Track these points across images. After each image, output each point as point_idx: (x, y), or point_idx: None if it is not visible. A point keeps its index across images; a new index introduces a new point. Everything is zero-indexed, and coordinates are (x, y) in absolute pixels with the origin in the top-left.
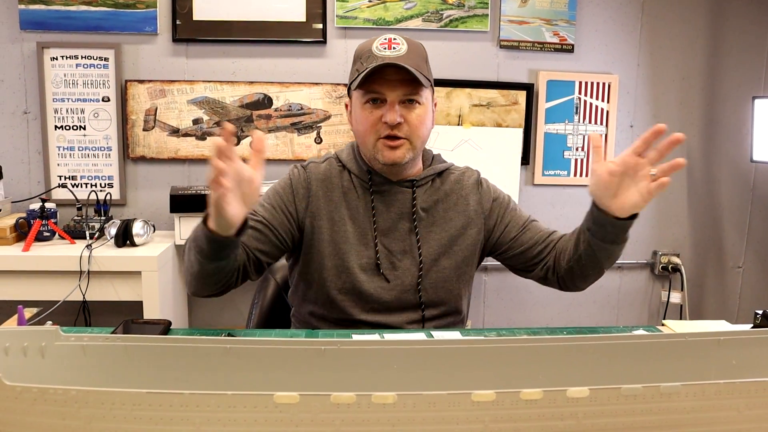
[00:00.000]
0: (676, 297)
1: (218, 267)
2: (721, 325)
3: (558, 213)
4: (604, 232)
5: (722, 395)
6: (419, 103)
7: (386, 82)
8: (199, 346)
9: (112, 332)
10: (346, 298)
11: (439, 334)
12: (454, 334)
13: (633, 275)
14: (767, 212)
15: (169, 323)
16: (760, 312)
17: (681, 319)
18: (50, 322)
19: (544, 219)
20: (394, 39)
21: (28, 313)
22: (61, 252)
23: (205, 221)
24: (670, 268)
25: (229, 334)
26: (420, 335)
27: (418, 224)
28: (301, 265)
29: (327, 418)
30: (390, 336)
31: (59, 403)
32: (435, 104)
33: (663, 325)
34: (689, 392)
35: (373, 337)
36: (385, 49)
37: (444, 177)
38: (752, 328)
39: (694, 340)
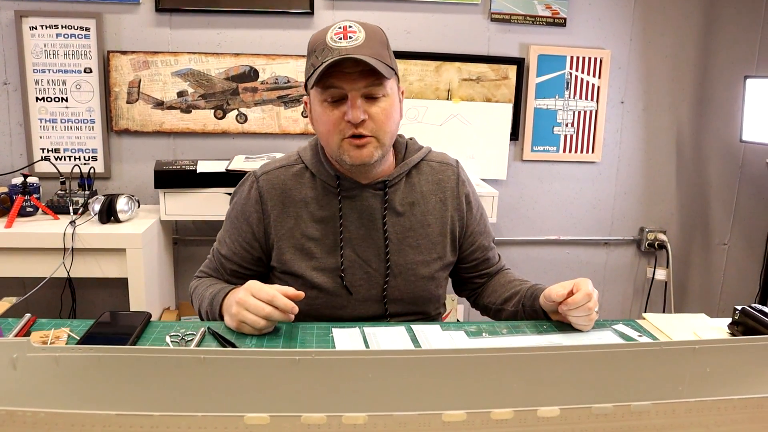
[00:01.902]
0: (661, 274)
1: None
2: (700, 319)
3: (546, 189)
4: (535, 314)
5: (692, 413)
6: (384, 96)
7: (345, 75)
8: (173, 356)
9: (94, 323)
10: (317, 313)
11: (419, 328)
12: (434, 329)
13: (620, 251)
14: (755, 190)
15: (149, 315)
16: (740, 308)
17: (665, 295)
18: (28, 315)
19: (533, 195)
20: (350, 27)
21: (7, 303)
22: (45, 229)
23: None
24: (656, 245)
25: (209, 328)
26: (401, 329)
27: (389, 230)
28: (272, 278)
29: None
30: (370, 330)
31: (28, 425)
32: (402, 93)
33: (643, 318)
34: (660, 410)
35: (354, 334)
36: (340, 39)
37: (421, 170)
38: (730, 324)
39: (669, 349)
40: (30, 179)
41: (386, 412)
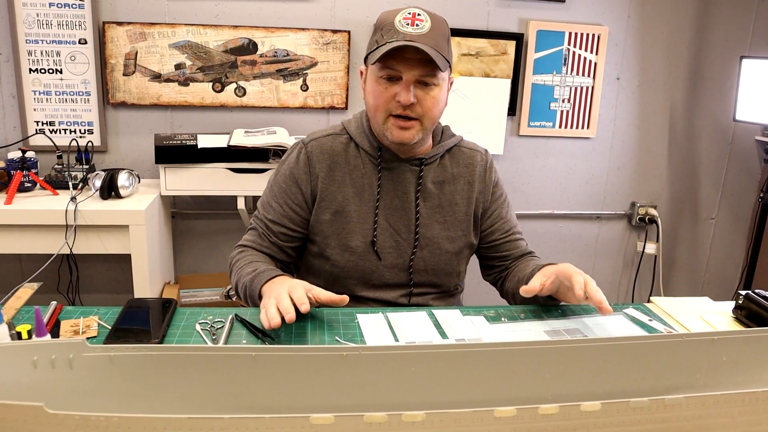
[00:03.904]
0: (651, 248)
1: None
2: (704, 303)
3: (542, 163)
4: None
5: (719, 405)
6: (435, 85)
7: (404, 60)
8: (224, 354)
9: (121, 312)
10: (347, 275)
11: (439, 313)
12: (455, 313)
13: (611, 225)
14: (743, 166)
15: (175, 302)
16: (743, 293)
17: (654, 268)
18: (54, 303)
19: (528, 170)
20: (419, 15)
21: (30, 289)
22: (46, 205)
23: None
24: (647, 219)
25: (236, 314)
26: (422, 314)
27: (420, 204)
28: (308, 245)
29: None
30: (394, 316)
31: (101, 429)
32: (451, 82)
33: (650, 302)
34: (690, 403)
35: (379, 319)
36: (407, 24)
37: (453, 154)
38: (734, 309)
39: (691, 340)
40: (28, 154)
41: (442, 409)
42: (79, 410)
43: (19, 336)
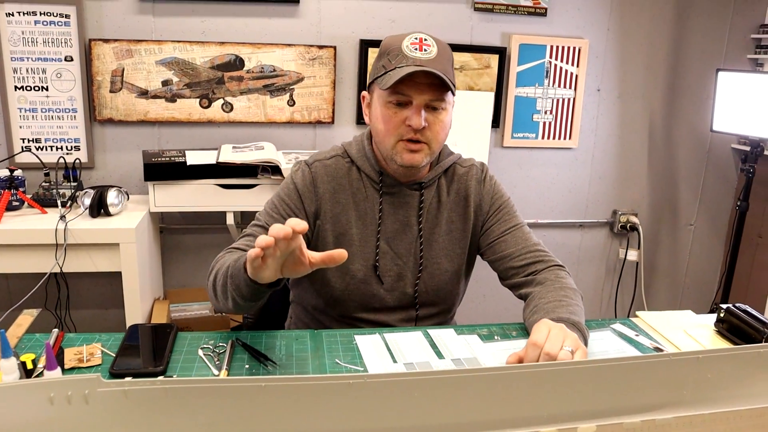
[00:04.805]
0: (632, 255)
1: (255, 305)
2: (687, 316)
3: (525, 174)
4: None
5: (706, 423)
6: (443, 109)
7: (415, 84)
8: (234, 386)
9: (123, 339)
10: (348, 298)
11: (435, 333)
12: (449, 333)
13: (593, 233)
14: (720, 173)
15: (176, 328)
16: (725, 306)
17: (636, 275)
18: (56, 330)
19: (512, 180)
20: (425, 40)
21: (29, 317)
22: (35, 224)
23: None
24: (628, 226)
25: (237, 339)
26: (418, 334)
27: (423, 227)
28: None
29: None
30: (390, 337)
31: None
32: (452, 105)
33: (637, 317)
34: (680, 423)
35: (376, 340)
36: (416, 50)
37: (449, 174)
38: (716, 322)
39: (677, 359)
40: (16, 173)
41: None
42: None
43: (24, 366)
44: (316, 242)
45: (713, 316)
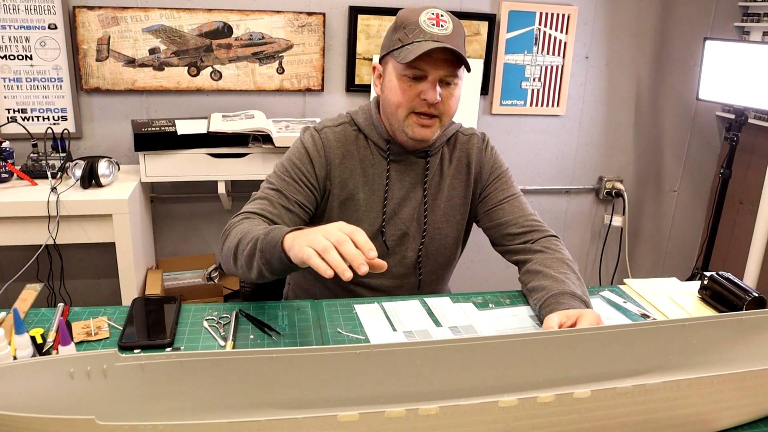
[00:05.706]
0: (617, 221)
1: (277, 278)
2: (672, 283)
3: (513, 141)
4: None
5: (691, 387)
6: (456, 84)
7: (431, 60)
8: (247, 357)
9: (129, 312)
10: None
11: (432, 301)
12: (445, 301)
13: (579, 199)
14: (703, 141)
15: (180, 300)
16: (708, 274)
17: (620, 240)
18: (62, 305)
19: (500, 147)
20: (441, 16)
21: (33, 291)
22: (27, 197)
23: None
24: (613, 193)
25: (240, 310)
26: (415, 302)
27: (428, 194)
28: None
29: (382, 430)
30: (389, 305)
31: None
32: (463, 79)
33: (624, 284)
34: (667, 387)
35: (375, 309)
36: (432, 25)
37: (452, 142)
38: (700, 289)
39: (665, 327)
40: (4, 144)
41: (451, 401)
42: (117, 416)
43: (34, 341)
44: (324, 206)
45: (697, 284)
